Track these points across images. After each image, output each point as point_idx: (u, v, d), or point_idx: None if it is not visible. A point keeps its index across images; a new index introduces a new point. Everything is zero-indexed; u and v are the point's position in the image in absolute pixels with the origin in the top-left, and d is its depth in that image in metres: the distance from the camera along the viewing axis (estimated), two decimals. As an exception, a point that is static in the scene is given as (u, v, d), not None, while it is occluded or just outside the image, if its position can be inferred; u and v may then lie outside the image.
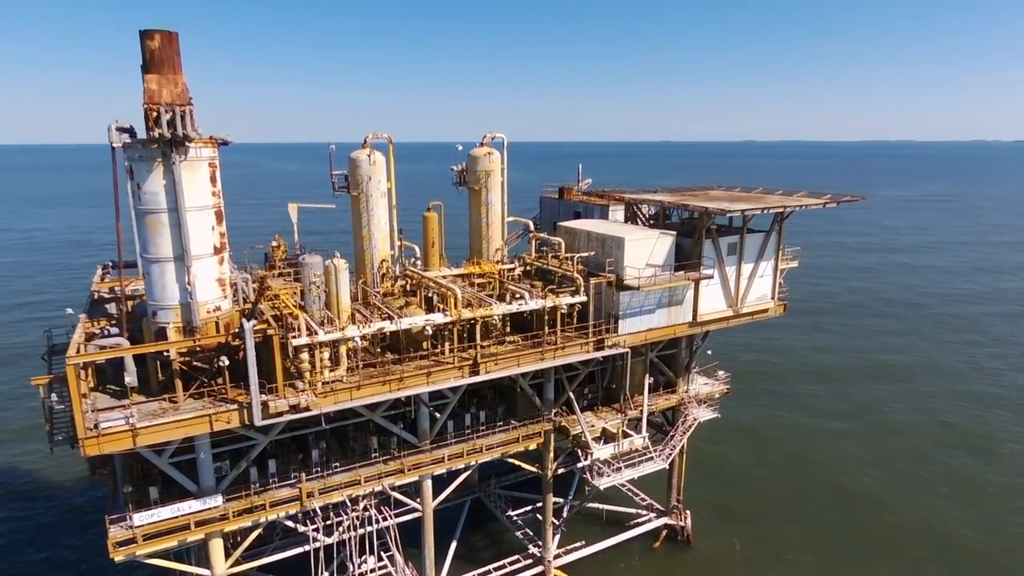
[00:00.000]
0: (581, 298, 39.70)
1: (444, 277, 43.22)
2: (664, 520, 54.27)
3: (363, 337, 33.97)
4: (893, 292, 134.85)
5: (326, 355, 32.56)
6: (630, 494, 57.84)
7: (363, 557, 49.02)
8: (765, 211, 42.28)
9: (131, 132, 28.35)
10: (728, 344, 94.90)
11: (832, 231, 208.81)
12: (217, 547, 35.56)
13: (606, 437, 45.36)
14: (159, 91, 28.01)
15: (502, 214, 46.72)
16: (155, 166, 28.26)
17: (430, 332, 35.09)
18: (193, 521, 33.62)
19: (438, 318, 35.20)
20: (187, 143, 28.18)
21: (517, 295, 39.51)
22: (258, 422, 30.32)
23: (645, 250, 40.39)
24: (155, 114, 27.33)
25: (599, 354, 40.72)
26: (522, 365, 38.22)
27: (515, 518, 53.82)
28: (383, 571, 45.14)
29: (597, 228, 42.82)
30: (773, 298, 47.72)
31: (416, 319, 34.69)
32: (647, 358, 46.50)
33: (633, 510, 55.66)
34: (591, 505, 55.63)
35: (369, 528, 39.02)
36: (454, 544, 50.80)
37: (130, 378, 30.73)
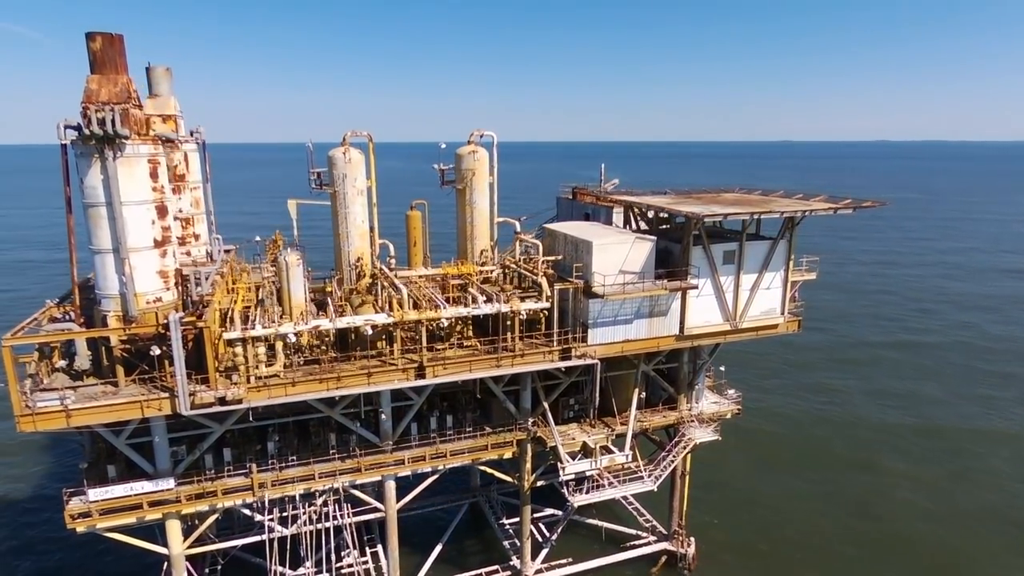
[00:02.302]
0: (543, 304, 37.76)
1: (420, 277, 42.82)
2: (664, 545, 50.77)
3: (302, 334, 34.14)
4: (1011, 331, 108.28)
5: (261, 350, 32.97)
6: (635, 513, 54.74)
7: (347, 551, 49.92)
8: (754, 216, 38.31)
9: (78, 129, 29.94)
10: (775, 373, 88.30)
11: (955, 248, 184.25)
12: (174, 528, 37.05)
13: (586, 452, 43.06)
14: (98, 90, 29.46)
15: (489, 215, 45.52)
16: (93, 162, 29.75)
17: (370, 332, 34.63)
18: (146, 501, 35.28)
19: (380, 318, 34.70)
20: (120, 140, 29.37)
21: (484, 298, 38.17)
22: (184, 412, 31.18)
23: (617, 255, 37.73)
24: (89, 113, 28.69)
25: (564, 364, 38.58)
26: (475, 371, 36.92)
27: (507, 527, 52.46)
28: (347, 569, 45.62)
29: (573, 231, 40.61)
30: (783, 313, 43.19)
31: (355, 318, 34.40)
32: (638, 371, 43.65)
33: (633, 531, 52.56)
34: (590, 521, 53.13)
35: (327, 524, 39.33)
36: (439, 547, 50.20)
37: (81, 361, 32.68)
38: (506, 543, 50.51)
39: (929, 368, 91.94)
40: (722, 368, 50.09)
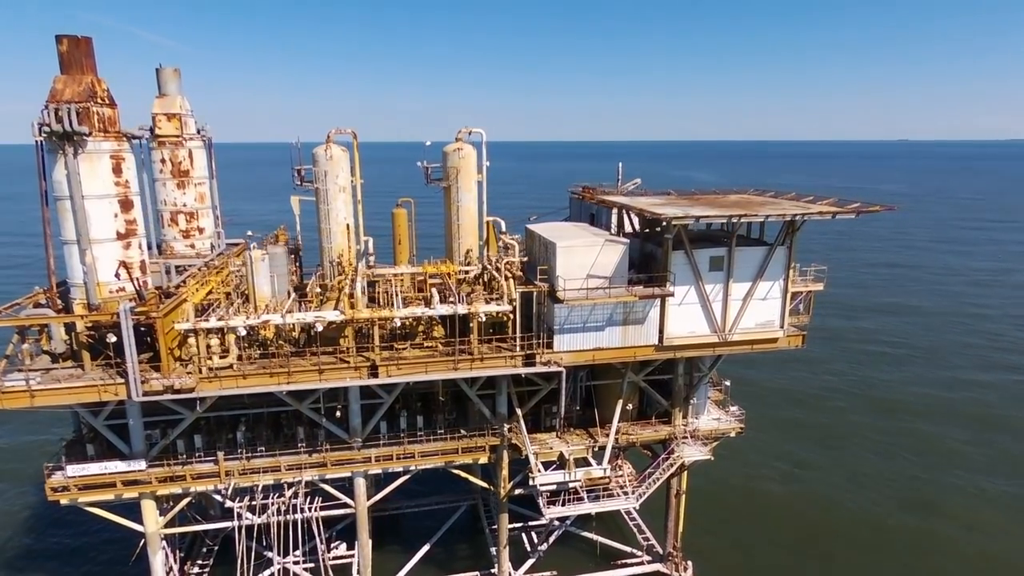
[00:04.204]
0: (504, 307, 36.41)
1: (396, 275, 42.65)
2: (658, 567, 47.98)
3: (265, 327, 34.70)
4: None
5: (214, 342, 33.79)
6: (635, 530, 52.11)
7: (336, 544, 50.66)
8: (731, 219, 35.13)
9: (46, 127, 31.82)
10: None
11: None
12: (149, 507, 38.84)
13: (562, 463, 41.32)
14: (62, 90, 31.17)
15: (477, 214, 44.60)
16: (58, 157, 31.49)
17: (320, 328, 34.65)
18: (119, 480, 37.19)
19: (331, 315, 34.67)
20: (78, 137, 30.90)
21: (442, 298, 37.43)
22: (136, 398, 32.43)
23: (584, 258, 35.78)
24: (50, 111, 30.41)
25: (527, 370, 37.08)
26: (430, 373, 36.19)
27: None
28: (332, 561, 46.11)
29: (546, 231, 38.97)
30: (782, 326, 39.49)
31: (306, 315, 34.54)
32: (623, 380, 41.39)
33: (629, 548, 50.01)
34: (585, 534, 51.11)
35: (295, 516, 39.92)
36: (427, 547, 49.86)
37: (56, 345, 34.80)
38: (492, 549, 49.46)
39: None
40: (727, 383, 46.63)
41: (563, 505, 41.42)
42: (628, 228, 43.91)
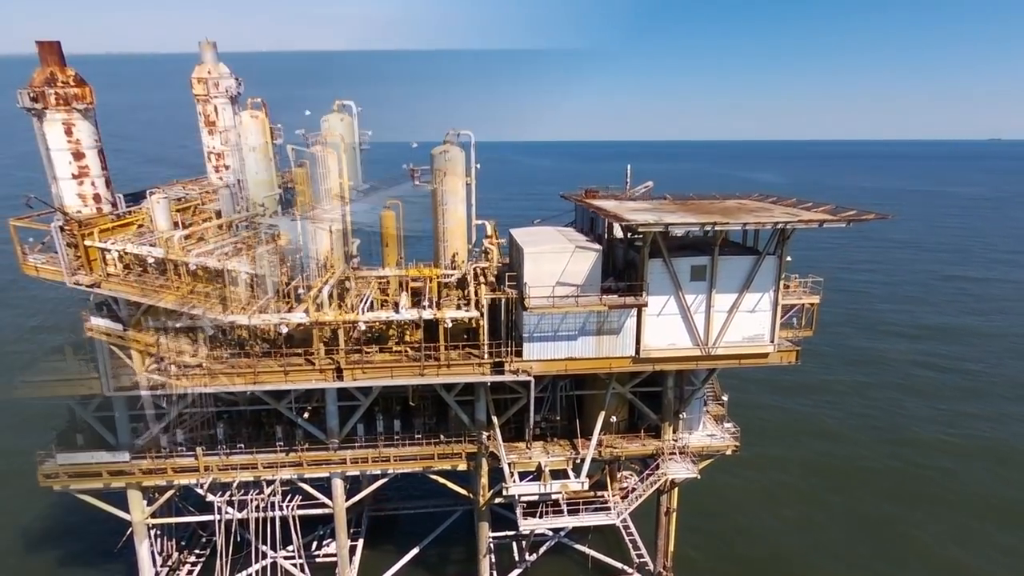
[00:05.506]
0: (472, 312, 35.71)
1: (378, 278, 42.56)
2: (648, 585, 46.24)
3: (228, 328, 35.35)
4: None
5: (183, 339, 34.60)
6: (631, 545, 50.38)
7: (328, 542, 51.17)
8: (704, 227, 33.12)
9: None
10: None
11: None
12: (135, 497, 40.39)
13: (539, 473, 40.32)
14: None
15: (465, 217, 43.94)
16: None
17: (285, 331, 34.89)
18: (105, 470, 38.72)
19: (296, 317, 34.84)
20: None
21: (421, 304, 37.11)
22: (107, 392, 33.60)
23: (553, 265, 34.64)
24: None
25: (495, 378, 36.28)
26: (396, 378, 35.90)
27: (490, 540, 50.54)
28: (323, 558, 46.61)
29: (522, 236, 38.02)
30: (772, 340, 37.11)
31: (271, 317, 34.81)
32: (607, 392, 39.99)
33: (620, 564, 48.38)
34: (577, 547, 49.83)
35: (273, 513, 40.56)
36: (416, 550, 49.74)
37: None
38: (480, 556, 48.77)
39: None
40: (725, 397, 44.40)
41: (540, 517, 40.47)
42: (618, 234, 42.42)
